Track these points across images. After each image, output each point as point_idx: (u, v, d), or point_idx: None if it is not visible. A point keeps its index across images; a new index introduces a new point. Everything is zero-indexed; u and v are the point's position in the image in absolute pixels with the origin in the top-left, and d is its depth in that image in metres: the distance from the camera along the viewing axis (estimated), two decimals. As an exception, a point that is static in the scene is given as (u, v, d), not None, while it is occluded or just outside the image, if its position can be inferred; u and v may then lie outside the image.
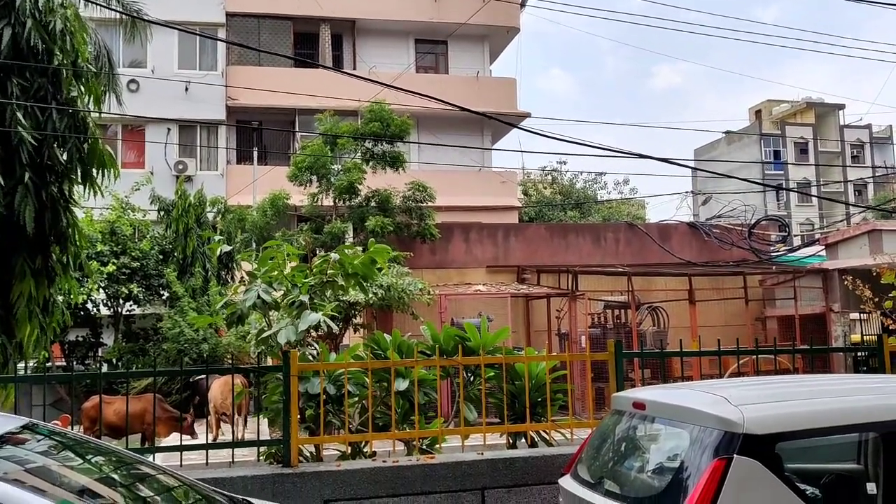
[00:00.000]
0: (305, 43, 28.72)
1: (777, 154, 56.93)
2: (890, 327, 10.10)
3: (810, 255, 20.45)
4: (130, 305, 19.38)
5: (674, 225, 22.01)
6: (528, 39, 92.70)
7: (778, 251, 21.33)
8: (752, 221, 22.12)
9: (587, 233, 21.02)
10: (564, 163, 45.18)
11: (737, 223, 22.25)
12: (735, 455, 3.61)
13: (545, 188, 44.03)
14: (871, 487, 3.79)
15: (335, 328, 7.15)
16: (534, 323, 18.86)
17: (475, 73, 29.48)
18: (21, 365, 11.45)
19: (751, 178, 26.66)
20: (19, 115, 7.90)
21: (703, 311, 17.52)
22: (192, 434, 11.95)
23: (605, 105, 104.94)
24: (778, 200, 54.63)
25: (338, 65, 28.30)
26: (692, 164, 50.27)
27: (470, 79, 28.96)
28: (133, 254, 18.69)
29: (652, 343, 16.31)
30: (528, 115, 28.05)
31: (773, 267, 19.68)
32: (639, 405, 4.43)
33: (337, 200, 18.44)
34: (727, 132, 55.07)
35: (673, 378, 12.86)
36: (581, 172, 46.18)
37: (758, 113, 62.65)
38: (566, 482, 4.68)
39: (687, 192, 32.55)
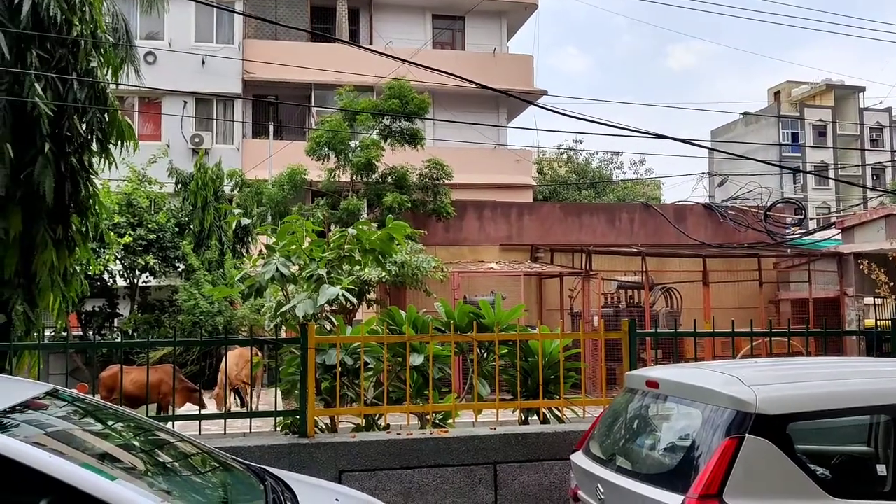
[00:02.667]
0: (322, 17, 28.63)
1: (795, 136, 56.40)
2: (904, 312, 10.07)
3: (826, 239, 20.34)
4: (146, 277, 19.56)
5: (689, 206, 21.93)
6: (546, 16, 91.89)
7: (794, 234, 21.23)
8: (768, 204, 21.99)
9: (602, 212, 20.97)
10: (580, 142, 45.19)
11: (753, 205, 22.13)
12: (747, 434, 3.64)
13: (560, 167, 43.90)
14: (882, 469, 3.81)
15: (354, 302, 7.22)
16: (546, 302, 18.90)
17: (492, 50, 29.30)
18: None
19: (768, 160, 26.44)
20: (37, 86, 7.93)
21: (716, 293, 17.49)
22: (203, 406, 12.11)
23: (620, 83, 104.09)
24: (795, 183, 54.24)
25: (354, 40, 28.20)
26: (709, 144, 49.95)
27: (487, 55, 28.79)
28: (149, 226, 18.84)
29: (665, 324, 16.31)
30: (544, 93, 27.92)
31: (788, 250, 19.59)
32: (652, 384, 4.47)
33: (354, 176, 18.47)
34: (745, 113, 54.53)
35: (685, 359, 12.89)
36: (597, 152, 46.13)
37: (776, 94, 62.00)
38: (578, 458, 4.74)
39: (703, 174, 32.42)
